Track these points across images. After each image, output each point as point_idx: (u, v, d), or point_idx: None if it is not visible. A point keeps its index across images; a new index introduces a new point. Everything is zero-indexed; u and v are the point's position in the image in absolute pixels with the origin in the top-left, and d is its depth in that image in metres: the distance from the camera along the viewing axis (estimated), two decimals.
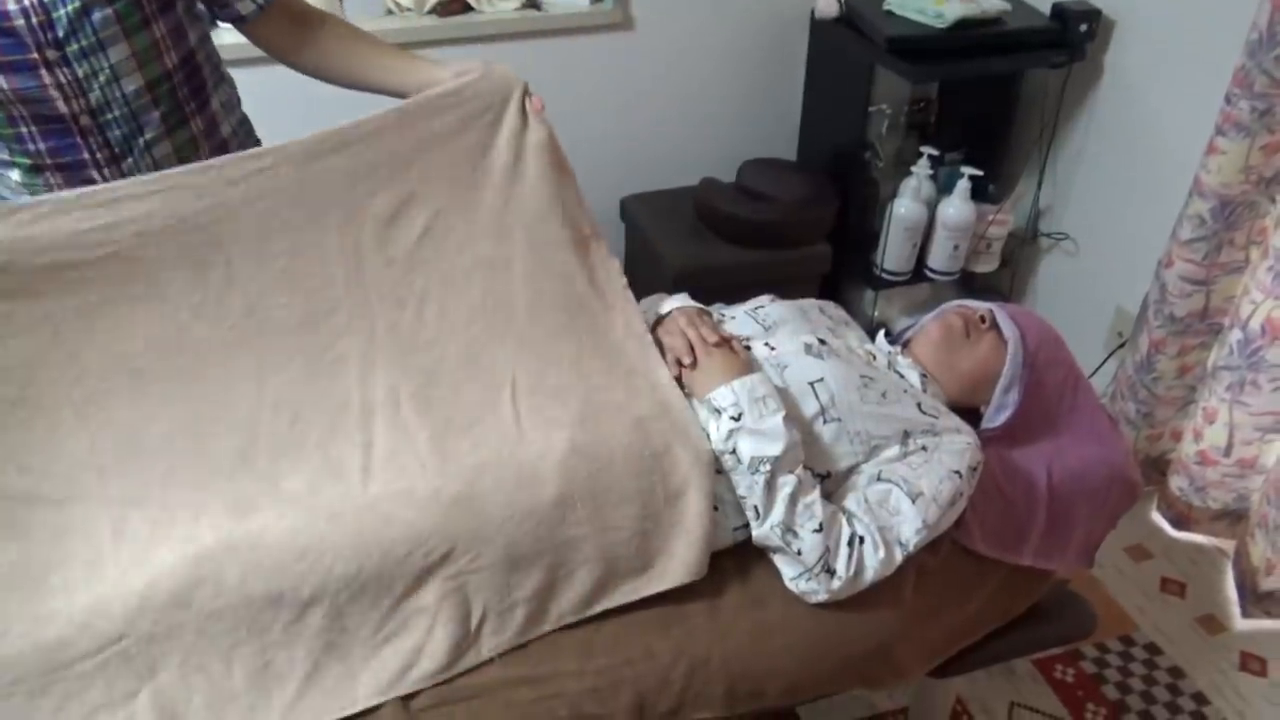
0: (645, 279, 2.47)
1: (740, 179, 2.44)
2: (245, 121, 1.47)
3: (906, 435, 1.26)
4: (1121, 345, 2.22)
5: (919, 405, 1.29)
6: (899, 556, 1.19)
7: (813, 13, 2.35)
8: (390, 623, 1.13)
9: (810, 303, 1.54)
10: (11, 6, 1.11)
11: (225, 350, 1.25)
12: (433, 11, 2.16)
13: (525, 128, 1.36)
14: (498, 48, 2.22)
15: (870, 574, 1.18)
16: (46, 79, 1.17)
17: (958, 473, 1.23)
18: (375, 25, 2.11)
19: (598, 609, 1.19)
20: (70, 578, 1.10)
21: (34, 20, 1.12)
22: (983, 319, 1.44)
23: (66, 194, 1.18)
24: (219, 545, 1.10)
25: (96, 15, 1.15)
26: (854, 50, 2.23)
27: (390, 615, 1.13)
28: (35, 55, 1.14)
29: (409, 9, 2.16)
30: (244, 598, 1.08)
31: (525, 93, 1.37)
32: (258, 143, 1.49)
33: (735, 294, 2.23)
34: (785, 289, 2.32)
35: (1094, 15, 2.11)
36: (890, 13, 2.18)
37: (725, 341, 1.28)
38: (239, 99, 1.46)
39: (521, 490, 1.15)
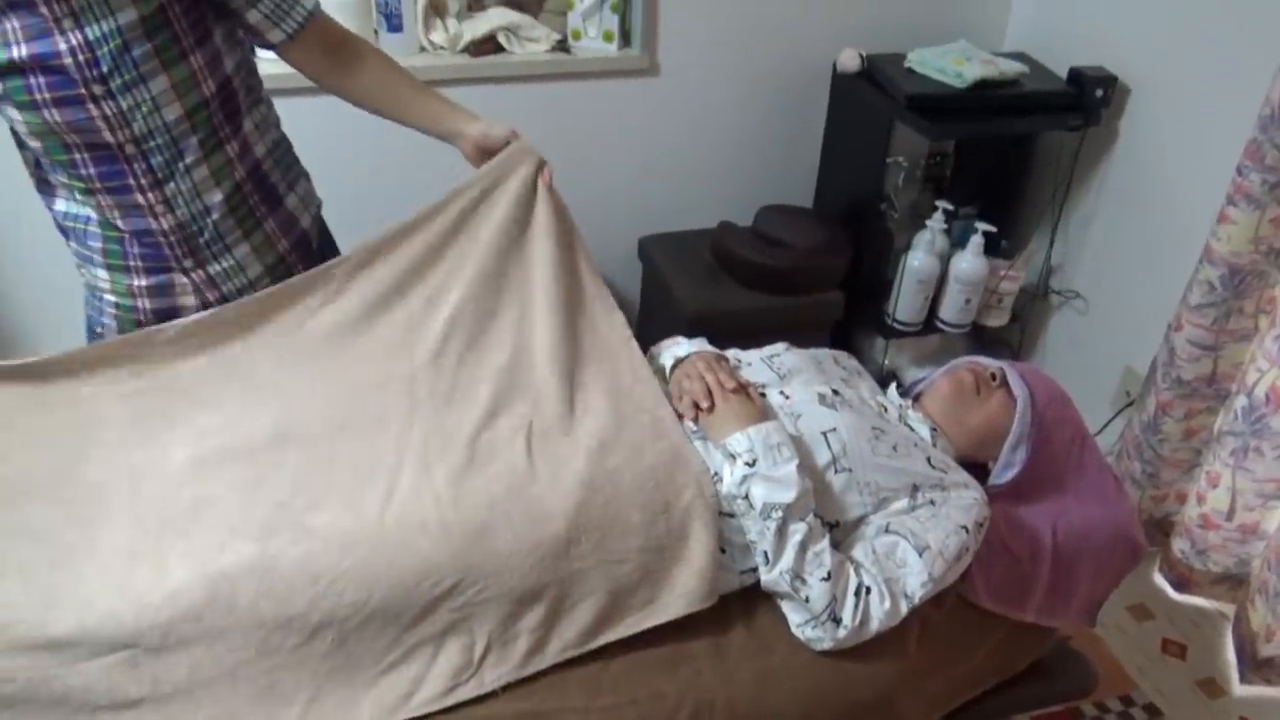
0: (660, 319, 2.51)
1: (757, 224, 2.48)
2: (282, 142, 1.51)
3: (915, 489, 1.28)
4: (1129, 404, 2.24)
5: (928, 459, 1.32)
6: (904, 608, 1.21)
7: (835, 65, 2.40)
8: (395, 650, 1.16)
9: (824, 353, 1.57)
10: (61, 46, 1.17)
11: (268, 408, 1.33)
12: (465, 51, 2.21)
13: (535, 199, 1.43)
14: (527, 88, 2.28)
15: (875, 624, 1.20)
16: (94, 111, 1.22)
17: (965, 528, 1.26)
18: (409, 62, 2.16)
19: (600, 641, 1.22)
20: (88, 589, 1.13)
21: (80, 58, 1.18)
22: (993, 376, 1.47)
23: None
24: (235, 566, 1.13)
25: (136, 51, 1.21)
26: (874, 104, 2.28)
27: (396, 643, 1.16)
28: (83, 90, 1.20)
29: (442, 48, 2.21)
30: (255, 619, 1.11)
31: (539, 167, 1.43)
32: (296, 162, 1.54)
33: (748, 337, 2.26)
34: (798, 334, 2.36)
35: (1110, 81, 2.16)
36: (911, 70, 2.23)
37: (742, 388, 1.31)
38: (276, 119, 1.51)
39: (531, 525, 1.19)
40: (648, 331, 2.68)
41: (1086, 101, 2.17)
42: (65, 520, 1.20)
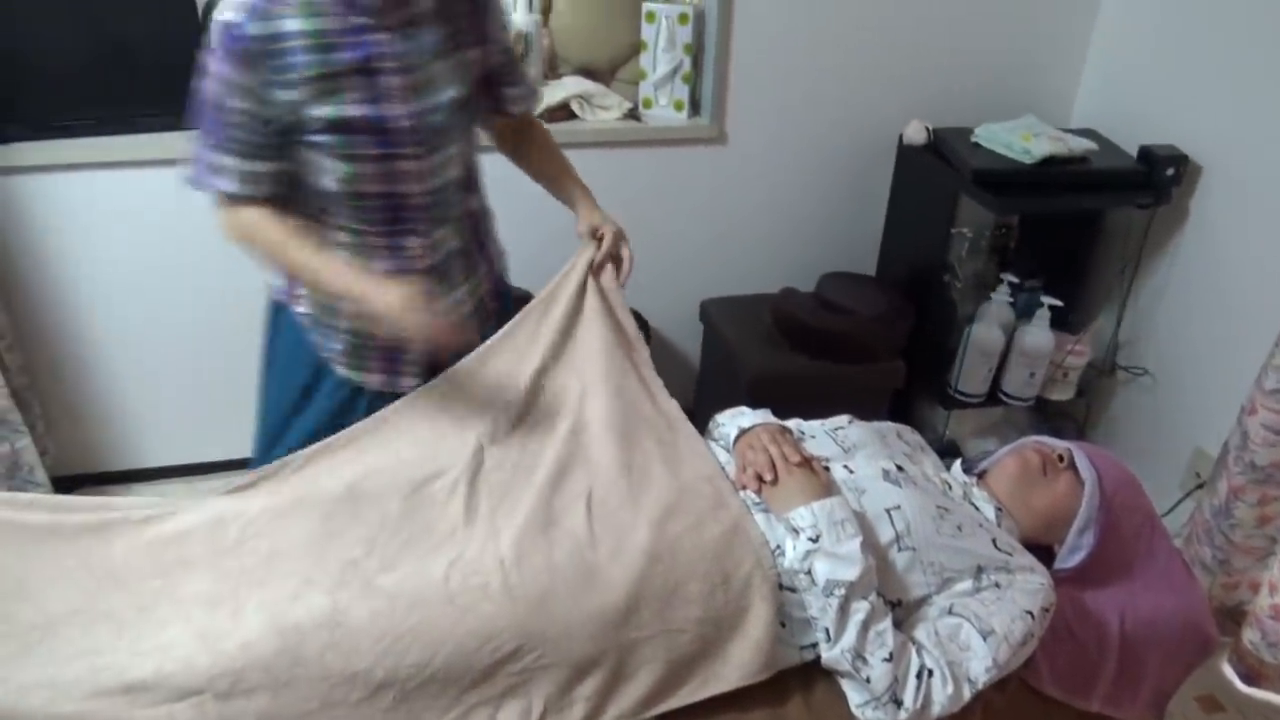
0: (720, 382, 2.53)
1: (820, 290, 2.50)
2: (486, 200, 1.66)
3: (980, 570, 1.27)
4: (1199, 486, 2.19)
5: (994, 541, 1.31)
6: (967, 693, 1.20)
7: (901, 137, 2.43)
8: (454, 710, 1.18)
9: (888, 426, 1.57)
10: (399, 112, 1.32)
11: (347, 466, 1.40)
12: (540, 117, 2.28)
13: (586, 290, 1.59)
14: (599, 153, 2.34)
15: (937, 708, 1.19)
16: (409, 168, 1.37)
17: (1030, 613, 1.24)
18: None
19: (656, 711, 1.22)
20: (169, 634, 1.17)
21: (412, 124, 1.34)
22: (1060, 458, 1.46)
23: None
24: (307, 619, 1.16)
25: (450, 121, 1.39)
26: (940, 177, 2.29)
27: (455, 703, 1.18)
28: (407, 150, 1.36)
29: None
30: (321, 671, 1.14)
31: (591, 262, 1.58)
32: (490, 214, 1.65)
33: (808, 403, 2.27)
34: (858, 402, 2.35)
35: (1181, 160, 2.15)
36: (977, 144, 2.25)
37: (806, 462, 1.31)
38: None
39: (591, 593, 1.21)
40: (707, 393, 2.70)
41: (1157, 179, 2.16)
42: (151, 567, 1.25)
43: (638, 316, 2.49)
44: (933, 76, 2.44)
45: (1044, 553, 1.42)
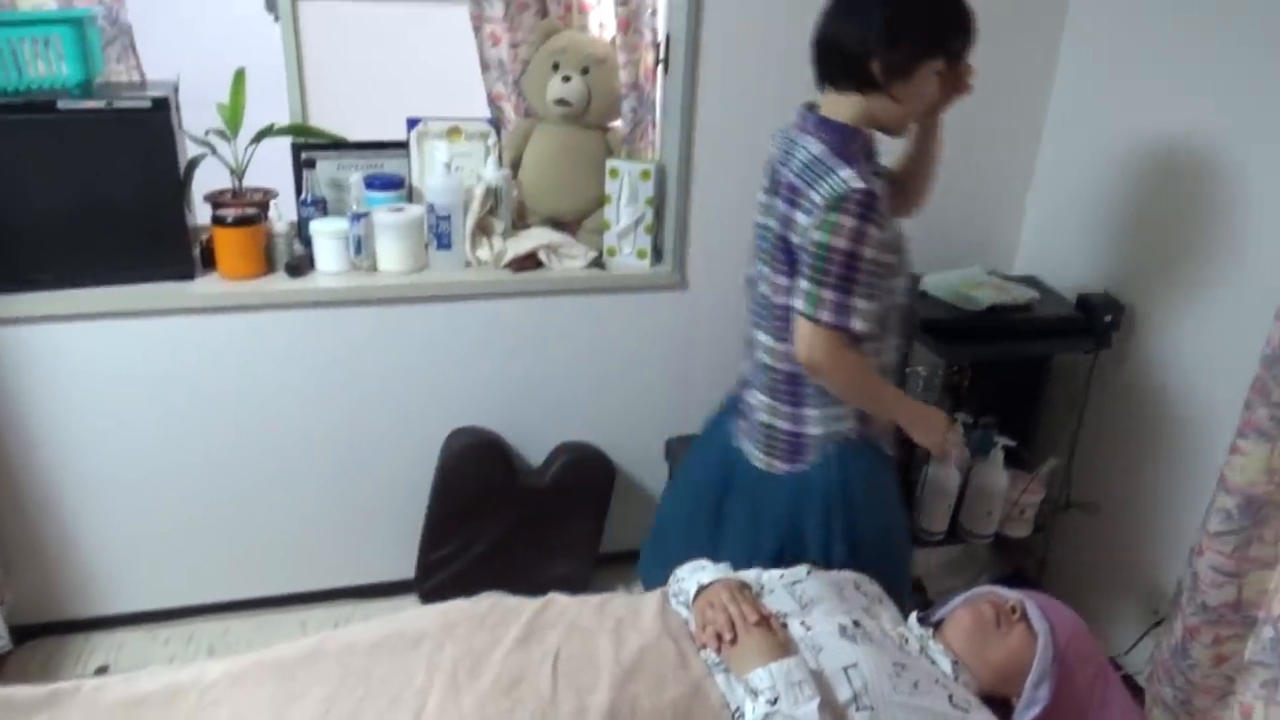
0: None
1: None
2: None
3: None
4: (1157, 624, 2.22)
5: (950, 697, 1.33)
6: None
7: None
8: None
9: (847, 577, 1.60)
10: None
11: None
12: (508, 267, 2.38)
13: None
14: (566, 300, 2.43)
15: None
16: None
17: None
18: (456, 277, 2.34)
19: None
20: None
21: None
22: (1013, 609, 1.49)
23: None
24: None
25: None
26: None
27: None
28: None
29: (486, 263, 2.38)
30: None
31: None
32: None
33: None
34: None
35: (1117, 307, 2.26)
36: (926, 293, 2.36)
37: (765, 620, 1.34)
38: None
39: None
40: None
41: (1096, 326, 2.27)
42: None
43: (603, 458, 2.53)
44: None
45: (1002, 706, 1.43)
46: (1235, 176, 2.02)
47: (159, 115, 2.03)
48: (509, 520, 2.47)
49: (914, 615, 1.56)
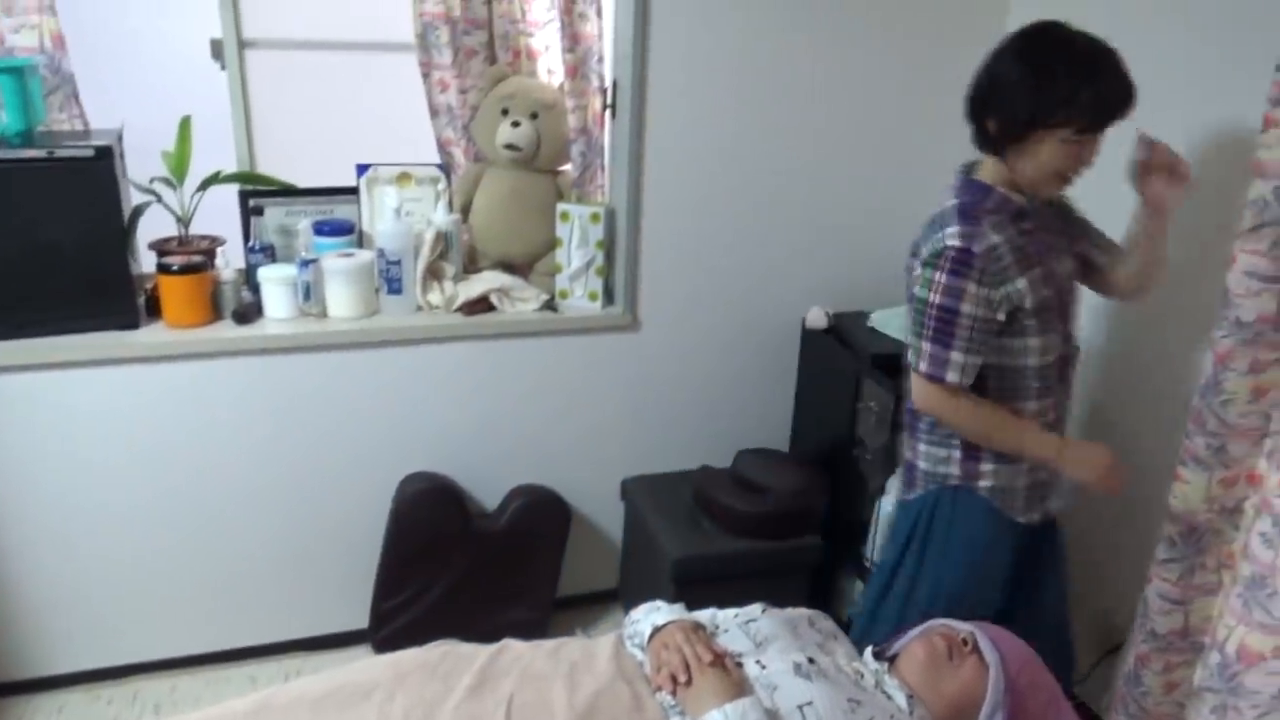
0: (644, 563, 2.55)
1: (736, 466, 2.57)
2: None
3: None
4: (1110, 650, 2.25)
5: None
6: None
7: (804, 322, 2.58)
8: None
9: (801, 615, 1.61)
10: (1056, 286, 1.67)
11: None
12: (459, 310, 2.37)
13: None
14: (519, 342, 2.43)
15: None
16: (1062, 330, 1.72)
17: None
18: (407, 322, 2.33)
19: None
20: None
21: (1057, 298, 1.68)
22: (965, 641, 1.50)
23: None
24: None
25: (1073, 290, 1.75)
26: (841, 360, 2.43)
27: None
28: (1060, 326, 1.71)
29: (437, 307, 2.38)
30: None
31: None
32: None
33: (730, 583, 2.30)
34: (778, 579, 2.40)
35: None
36: (873, 329, 2.40)
37: (719, 660, 1.34)
38: None
39: None
40: (631, 573, 2.70)
41: None
42: None
43: (558, 500, 2.52)
44: (830, 266, 2.62)
45: None
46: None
47: (102, 164, 2.01)
48: (464, 566, 2.44)
49: (869, 650, 1.56)
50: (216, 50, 2.42)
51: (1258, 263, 1.61)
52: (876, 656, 1.55)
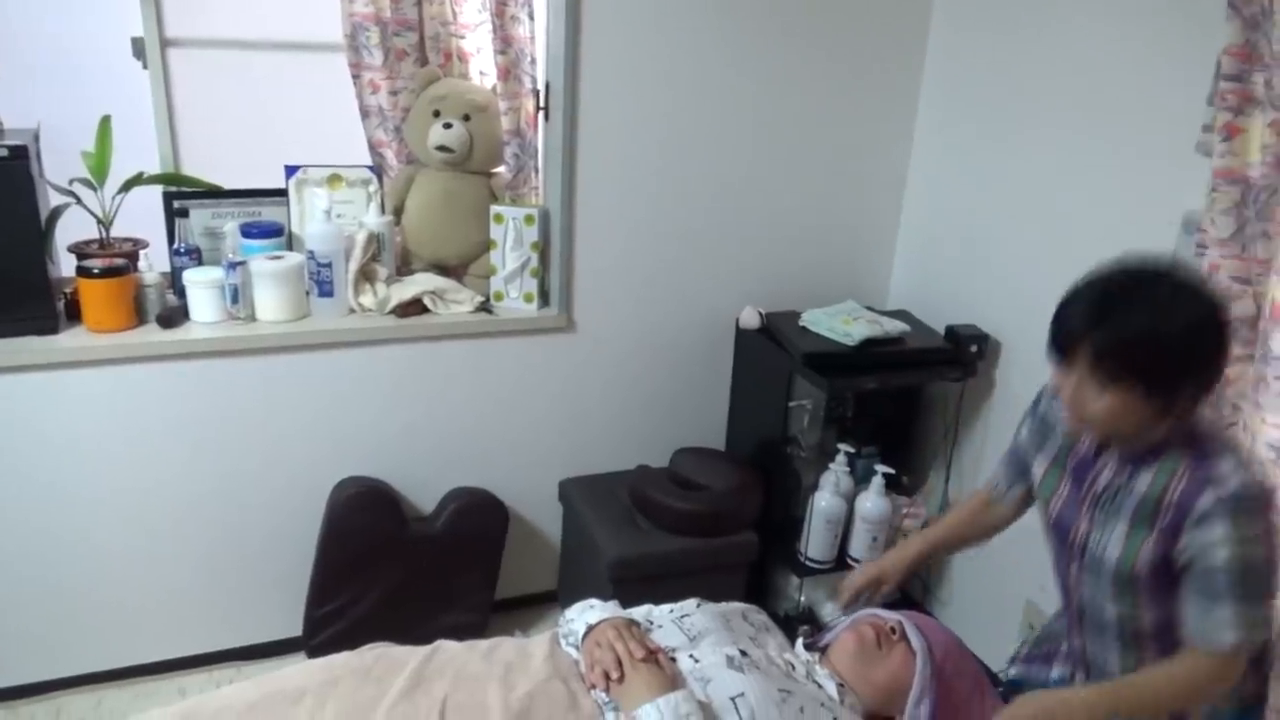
0: (583, 564, 2.55)
1: (674, 466, 2.59)
2: None
3: None
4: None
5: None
6: None
7: (737, 322, 2.62)
8: None
9: (735, 608, 1.63)
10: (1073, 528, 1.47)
11: None
12: (393, 313, 2.36)
13: None
14: (454, 345, 2.42)
15: None
16: (1072, 570, 1.49)
17: None
18: (338, 324, 2.30)
19: None
20: None
21: (1072, 536, 1.46)
22: (893, 629, 1.54)
23: None
24: None
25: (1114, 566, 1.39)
26: (773, 358, 2.47)
27: None
28: (1068, 552, 1.49)
29: (370, 310, 2.35)
30: None
31: None
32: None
33: (669, 579, 2.32)
34: (716, 577, 2.42)
35: (982, 338, 2.40)
36: (805, 329, 2.44)
37: (653, 655, 1.35)
38: None
39: None
40: (569, 574, 2.71)
41: (963, 355, 2.39)
42: None
43: (495, 503, 2.52)
44: (762, 266, 2.66)
45: None
46: (1082, 215, 2.17)
47: (17, 164, 1.95)
48: (400, 571, 2.42)
49: (800, 641, 1.60)
50: (138, 49, 2.36)
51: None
52: (808, 648, 1.59)
